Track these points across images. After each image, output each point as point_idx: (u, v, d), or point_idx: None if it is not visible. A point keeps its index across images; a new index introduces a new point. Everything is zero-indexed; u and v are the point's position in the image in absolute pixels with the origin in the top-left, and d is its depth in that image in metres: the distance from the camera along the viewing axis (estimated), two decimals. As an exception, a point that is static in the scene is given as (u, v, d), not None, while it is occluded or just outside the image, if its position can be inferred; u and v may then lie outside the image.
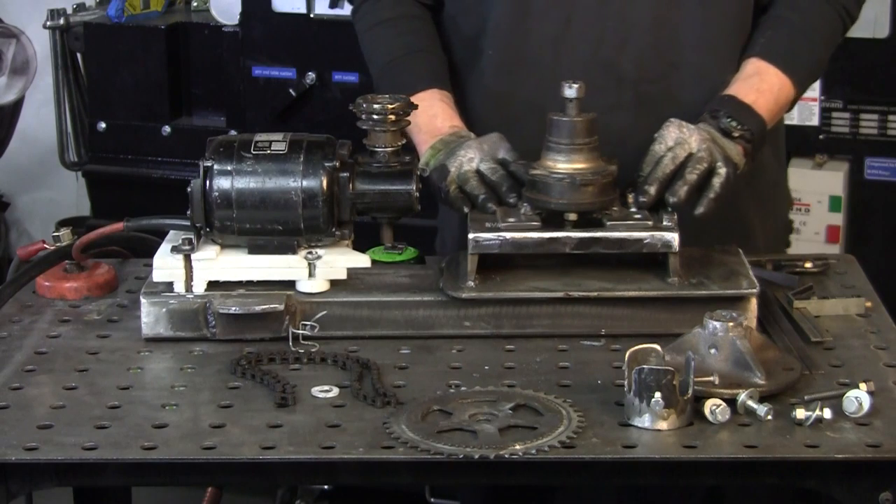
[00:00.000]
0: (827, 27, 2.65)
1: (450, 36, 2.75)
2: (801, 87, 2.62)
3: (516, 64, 2.65)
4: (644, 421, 2.02)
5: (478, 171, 2.44)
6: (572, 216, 2.31)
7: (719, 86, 2.60)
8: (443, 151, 2.52)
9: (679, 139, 2.40)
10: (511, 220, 2.32)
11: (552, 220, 2.32)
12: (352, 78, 3.94)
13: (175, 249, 2.32)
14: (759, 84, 2.56)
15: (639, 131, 2.51)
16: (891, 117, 3.74)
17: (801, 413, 2.02)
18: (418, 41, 2.73)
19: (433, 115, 2.57)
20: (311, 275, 2.33)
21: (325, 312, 2.32)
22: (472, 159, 2.46)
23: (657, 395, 2.00)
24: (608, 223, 2.31)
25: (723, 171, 2.38)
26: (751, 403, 2.04)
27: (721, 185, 2.37)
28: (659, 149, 2.40)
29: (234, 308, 2.30)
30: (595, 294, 2.31)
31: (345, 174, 2.33)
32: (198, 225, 2.32)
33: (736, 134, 2.47)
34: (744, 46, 2.64)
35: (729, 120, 2.48)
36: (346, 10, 3.88)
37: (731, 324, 2.11)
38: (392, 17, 2.75)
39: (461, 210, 2.43)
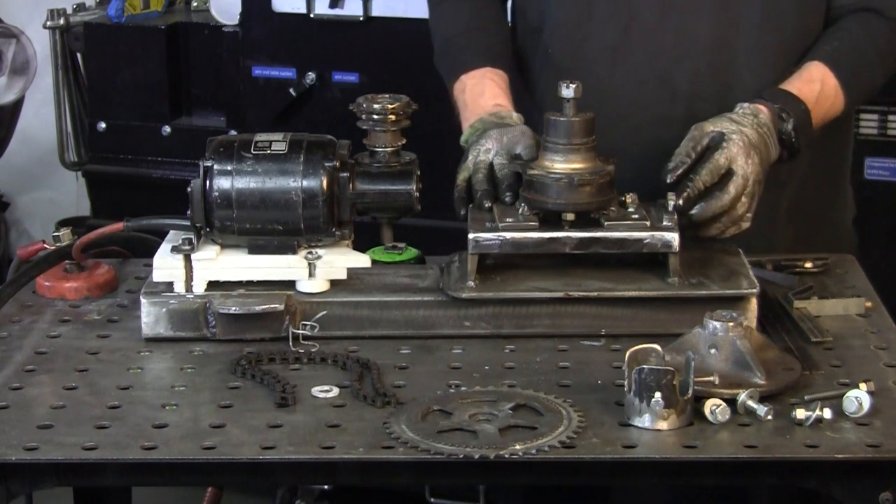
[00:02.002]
0: (890, 57, 2.63)
1: (516, 21, 2.77)
2: (851, 106, 2.62)
3: (574, 67, 2.63)
4: (644, 421, 2.02)
5: (490, 165, 2.45)
6: (569, 216, 2.31)
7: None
8: (479, 132, 2.52)
9: (743, 171, 2.37)
10: (509, 219, 2.32)
11: (550, 220, 2.32)
12: (352, 78, 3.94)
13: (175, 249, 2.32)
14: (820, 92, 2.54)
15: None
16: (891, 117, 3.74)
17: (801, 413, 2.02)
18: (479, 19, 2.74)
19: (479, 92, 2.59)
20: (311, 275, 2.33)
21: (325, 312, 2.32)
22: (488, 150, 2.47)
23: (657, 395, 2.00)
24: (606, 223, 2.31)
25: (748, 223, 2.39)
26: (751, 403, 2.04)
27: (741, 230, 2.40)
28: (717, 163, 2.37)
29: (234, 308, 2.30)
30: (595, 294, 2.31)
31: (345, 174, 2.33)
32: (198, 225, 2.33)
33: (786, 142, 2.48)
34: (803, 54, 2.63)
35: (791, 131, 2.47)
36: (346, 10, 3.89)
37: (731, 324, 2.11)
38: None
39: (458, 211, 2.44)
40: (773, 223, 2.64)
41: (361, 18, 3.85)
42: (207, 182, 2.31)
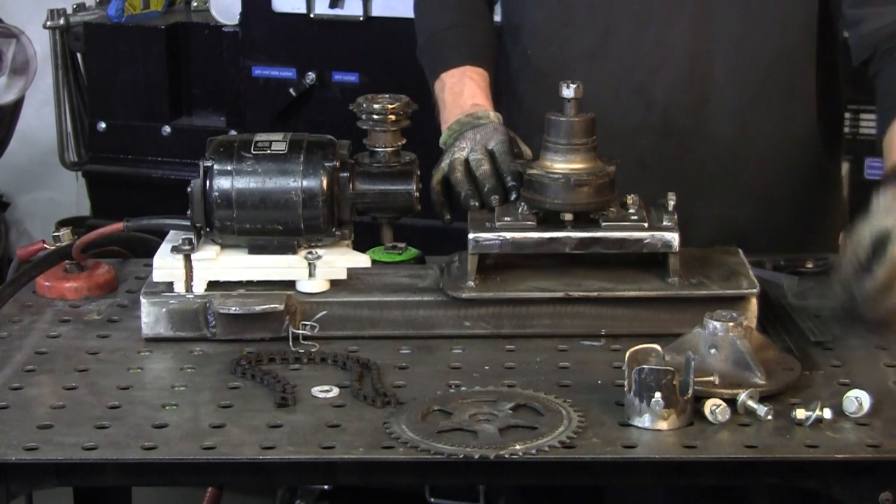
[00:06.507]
0: None
1: (502, 18, 2.77)
2: None
3: (551, 70, 2.63)
4: (644, 421, 2.02)
5: (466, 161, 2.44)
6: (568, 216, 2.31)
7: (749, 125, 2.61)
8: (456, 133, 2.53)
9: None
10: (507, 219, 2.32)
11: (550, 219, 2.32)
12: (352, 78, 3.94)
13: (175, 249, 2.32)
14: None
15: (660, 157, 2.52)
16: (891, 117, 3.73)
17: (801, 413, 2.02)
18: (463, 16, 2.74)
19: (458, 92, 2.59)
20: (311, 275, 2.33)
21: (325, 312, 2.32)
22: (462, 149, 2.47)
23: (657, 395, 2.00)
24: (604, 223, 2.31)
25: None
26: (751, 403, 2.04)
27: None
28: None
29: (234, 308, 2.30)
30: (595, 294, 2.31)
31: (345, 174, 2.34)
32: (198, 225, 2.33)
33: None
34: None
35: None
36: (346, 10, 3.89)
37: (731, 324, 2.11)
38: None
39: (442, 216, 2.45)
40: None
41: (361, 18, 3.85)
42: (207, 182, 2.31)
